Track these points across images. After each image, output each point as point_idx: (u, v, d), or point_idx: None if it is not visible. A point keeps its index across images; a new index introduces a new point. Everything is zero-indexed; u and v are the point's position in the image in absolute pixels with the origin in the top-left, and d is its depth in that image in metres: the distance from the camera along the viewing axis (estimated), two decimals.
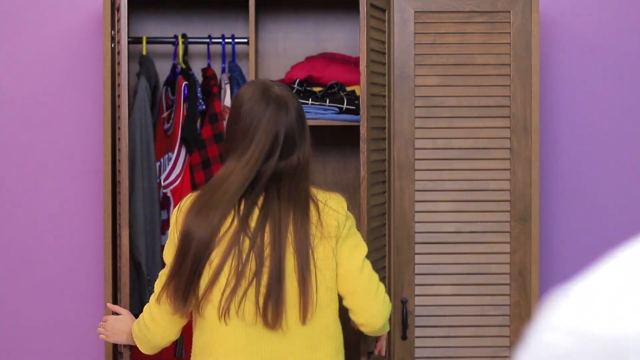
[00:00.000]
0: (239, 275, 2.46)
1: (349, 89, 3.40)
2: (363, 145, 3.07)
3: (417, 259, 3.30)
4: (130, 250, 3.27)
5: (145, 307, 2.59)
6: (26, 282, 3.65)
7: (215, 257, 2.46)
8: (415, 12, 3.30)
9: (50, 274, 3.65)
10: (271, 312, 2.46)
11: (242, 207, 2.49)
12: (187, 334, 3.33)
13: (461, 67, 3.31)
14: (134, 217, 3.27)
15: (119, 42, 3.16)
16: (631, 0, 3.72)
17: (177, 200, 3.38)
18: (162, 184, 3.43)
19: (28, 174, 3.64)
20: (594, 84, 3.71)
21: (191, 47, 3.57)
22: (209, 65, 3.49)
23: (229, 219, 2.47)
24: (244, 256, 2.46)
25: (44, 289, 3.65)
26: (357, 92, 3.37)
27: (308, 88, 3.36)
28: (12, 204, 3.64)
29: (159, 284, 2.55)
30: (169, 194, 3.42)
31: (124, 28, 3.09)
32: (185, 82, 3.36)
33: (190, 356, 2.63)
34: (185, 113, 3.36)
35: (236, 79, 3.41)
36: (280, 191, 2.50)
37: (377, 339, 3.06)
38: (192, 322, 3.38)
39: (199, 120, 3.37)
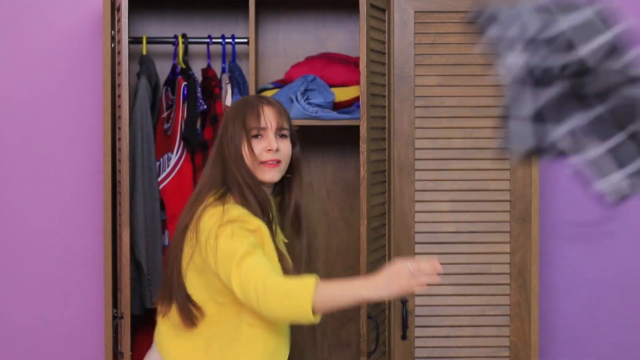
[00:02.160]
0: None
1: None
2: (363, 145, 3.07)
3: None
4: (131, 250, 3.27)
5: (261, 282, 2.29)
6: (26, 282, 3.65)
7: None
8: (415, 12, 3.30)
9: (50, 274, 3.65)
10: None
11: None
12: None
13: (461, 67, 3.31)
14: (134, 216, 3.27)
15: (119, 42, 3.16)
16: (631, 0, 3.72)
17: (167, 200, 3.36)
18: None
19: (28, 174, 3.64)
20: None
21: (191, 47, 3.56)
22: (209, 65, 3.49)
23: None
24: None
25: (44, 288, 3.65)
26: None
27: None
28: (12, 203, 3.64)
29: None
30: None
31: (124, 28, 3.09)
32: (184, 83, 3.35)
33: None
34: (185, 113, 3.35)
35: (237, 79, 3.40)
36: None
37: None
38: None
39: (199, 121, 3.36)
